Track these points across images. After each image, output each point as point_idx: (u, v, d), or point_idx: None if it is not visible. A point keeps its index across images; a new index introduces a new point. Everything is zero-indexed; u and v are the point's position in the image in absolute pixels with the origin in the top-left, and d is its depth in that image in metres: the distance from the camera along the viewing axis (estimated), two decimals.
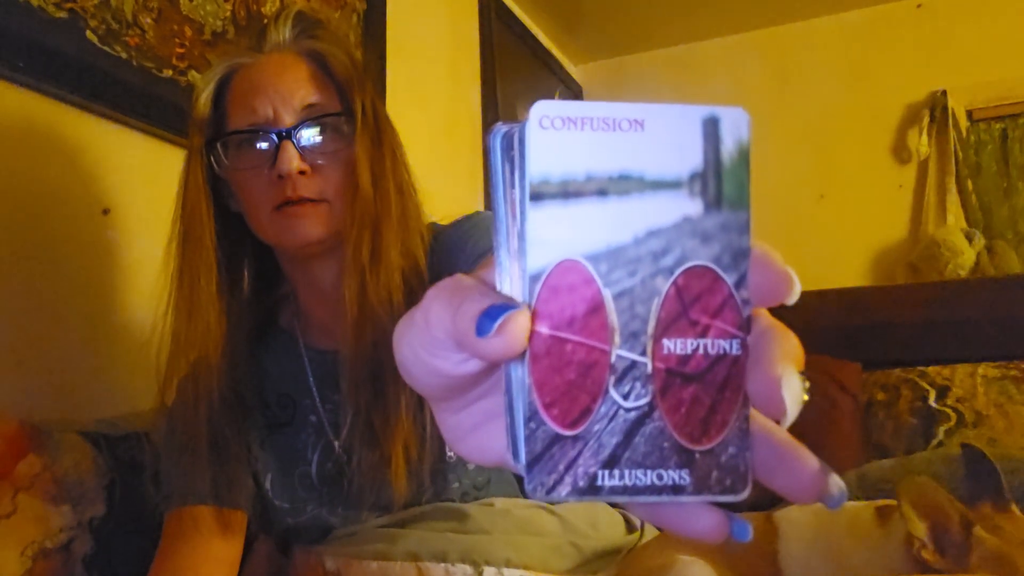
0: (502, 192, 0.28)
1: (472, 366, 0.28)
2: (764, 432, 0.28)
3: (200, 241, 0.81)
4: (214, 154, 0.82)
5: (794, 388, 0.26)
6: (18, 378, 1.01)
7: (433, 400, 0.32)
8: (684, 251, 0.27)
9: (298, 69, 0.82)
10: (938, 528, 0.66)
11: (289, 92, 0.81)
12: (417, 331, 0.29)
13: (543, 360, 0.26)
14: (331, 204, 0.81)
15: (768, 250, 0.27)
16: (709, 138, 0.27)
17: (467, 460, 0.36)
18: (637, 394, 0.27)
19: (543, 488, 0.26)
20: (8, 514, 0.80)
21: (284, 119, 0.80)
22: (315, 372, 0.89)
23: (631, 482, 0.27)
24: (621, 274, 0.27)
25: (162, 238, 0.84)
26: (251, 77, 0.82)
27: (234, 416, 0.84)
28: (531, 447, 0.27)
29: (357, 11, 1.75)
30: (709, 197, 0.27)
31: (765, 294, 0.27)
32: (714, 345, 0.27)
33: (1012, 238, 2.76)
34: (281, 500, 0.87)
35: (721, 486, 0.27)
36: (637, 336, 0.27)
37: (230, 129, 0.82)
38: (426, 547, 0.80)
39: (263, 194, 0.81)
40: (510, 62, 2.64)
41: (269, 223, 0.82)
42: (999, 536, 0.64)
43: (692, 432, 0.27)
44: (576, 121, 0.27)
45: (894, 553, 0.70)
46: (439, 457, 0.83)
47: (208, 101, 0.83)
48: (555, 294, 0.26)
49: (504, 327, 0.26)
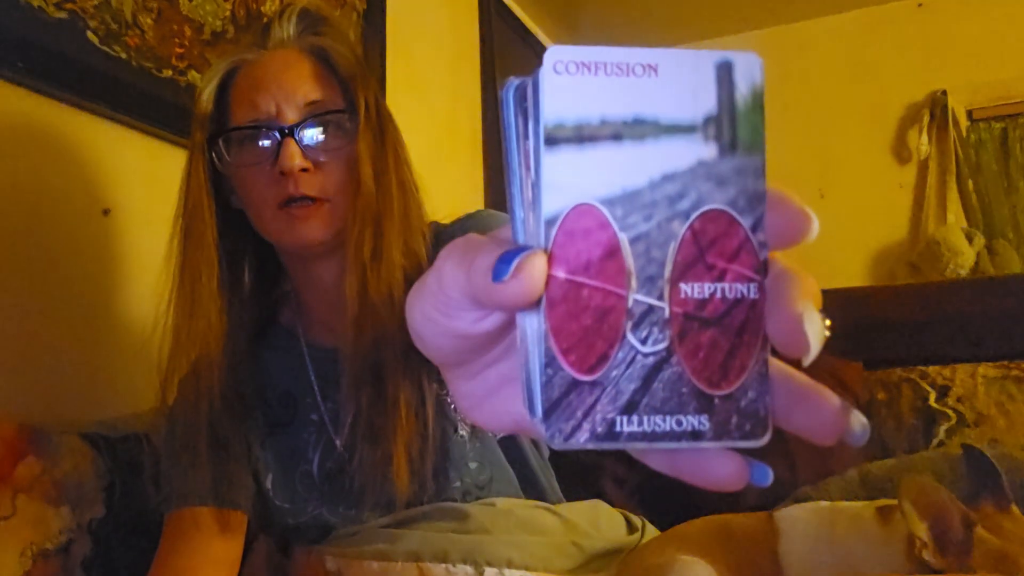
0: (516, 144, 0.28)
1: (489, 323, 0.28)
2: (782, 375, 0.28)
3: (202, 238, 0.81)
4: (216, 150, 0.82)
5: (816, 324, 0.26)
6: (17, 379, 1.01)
7: (447, 367, 0.32)
8: (700, 195, 0.27)
9: (301, 66, 0.82)
10: (939, 528, 0.66)
11: (292, 89, 0.80)
12: (430, 294, 0.28)
13: (560, 306, 0.26)
14: (333, 203, 0.81)
15: (784, 191, 0.27)
16: (723, 82, 0.27)
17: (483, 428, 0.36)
18: (655, 339, 0.27)
19: (561, 435, 0.26)
20: (7, 516, 0.80)
21: (287, 116, 0.80)
22: (317, 370, 0.88)
23: (650, 428, 0.27)
24: (637, 218, 0.27)
25: (162, 238, 0.83)
26: (254, 74, 0.82)
27: (235, 415, 0.83)
28: (548, 394, 0.26)
29: (357, 10, 1.75)
30: (724, 141, 0.27)
31: (784, 235, 0.27)
32: (731, 289, 0.27)
33: (1012, 237, 2.76)
34: (282, 500, 0.87)
35: (741, 431, 0.27)
36: (654, 280, 0.27)
37: (232, 125, 0.82)
38: (427, 547, 0.80)
39: (265, 191, 0.80)
40: (510, 62, 2.64)
41: (272, 221, 0.81)
42: (1000, 536, 0.64)
43: (711, 377, 0.27)
44: (590, 66, 0.26)
45: (895, 553, 0.70)
46: (441, 456, 0.83)
47: (211, 98, 0.82)
48: (571, 238, 0.26)
49: (521, 269, 0.25)
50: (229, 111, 0.83)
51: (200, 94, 0.83)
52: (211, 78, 0.83)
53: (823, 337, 0.26)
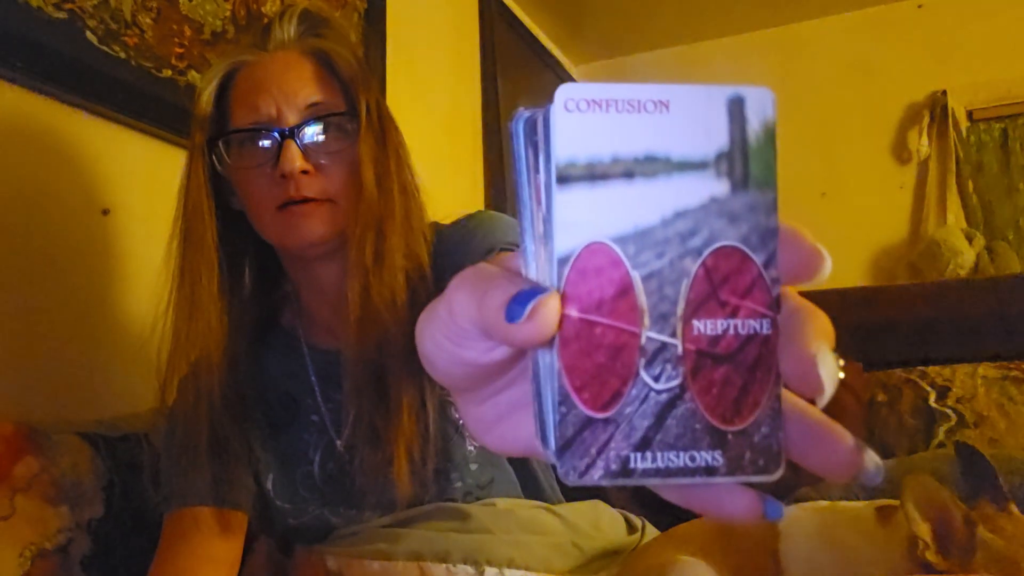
0: (526, 177, 0.28)
1: (500, 353, 0.28)
2: (797, 411, 0.28)
3: (202, 240, 0.81)
4: (216, 152, 0.82)
5: (830, 365, 0.26)
6: (16, 378, 1.01)
7: (458, 391, 0.32)
8: (712, 232, 0.27)
9: (302, 67, 0.82)
10: (941, 528, 0.66)
11: (293, 91, 0.80)
12: (441, 323, 0.28)
13: (573, 344, 0.26)
14: (335, 204, 0.81)
15: (797, 228, 0.27)
16: (735, 118, 0.27)
17: (494, 451, 0.36)
18: (668, 376, 0.27)
19: (575, 472, 0.26)
20: (6, 516, 0.80)
21: (287, 118, 0.80)
22: (317, 371, 0.88)
23: (664, 464, 0.27)
24: (649, 255, 0.27)
25: (162, 238, 0.83)
26: (254, 75, 0.82)
27: (235, 416, 0.83)
28: (562, 432, 0.26)
29: (358, 10, 1.75)
30: (736, 177, 0.27)
31: (796, 271, 0.27)
32: (744, 325, 0.27)
33: (1013, 238, 2.76)
34: (283, 501, 0.87)
35: (754, 466, 0.27)
36: (667, 318, 0.27)
37: (232, 127, 0.82)
38: (428, 547, 0.80)
39: (266, 193, 0.80)
40: (510, 62, 2.64)
41: (272, 222, 0.81)
42: (1001, 536, 0.64)
43: (724, 413, 0.27)
44: (600, 103, 0.26)
45: (896, 553, 0.70)
46: (443, 457, 0.83)
47: (210, 99, 0.82)
48: (583, 277, 0.26)
49: (535, 312, 0.25)
50: (229, 113, 0.82)
51: (200, 95, 0.83)
52: (211, 79, 0.83)
53: (837, 378, 0.26)
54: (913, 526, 0.66)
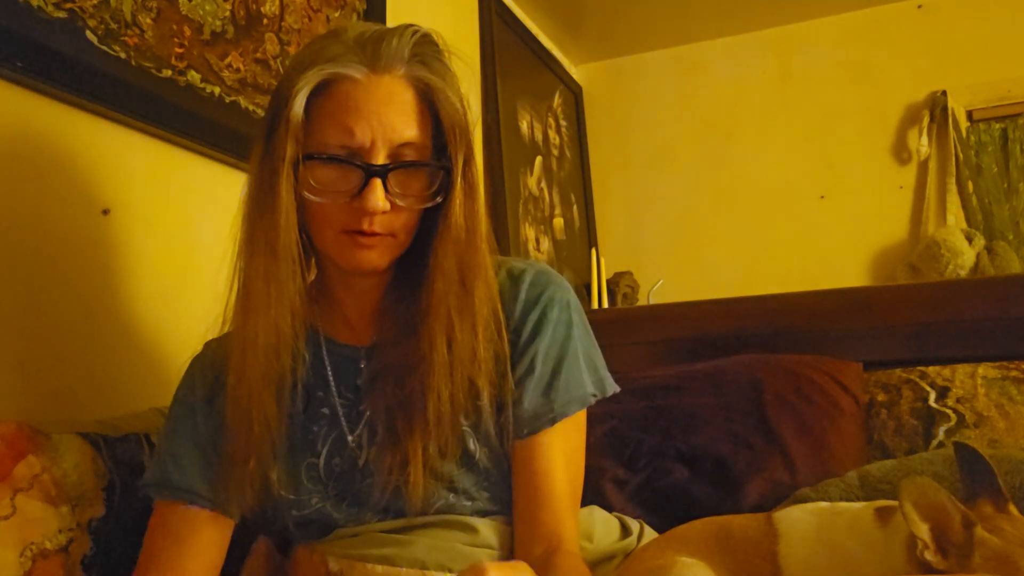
0: None
1: None
2: None
3: (291, 262, 0.80)
4: (302, 168, 0.79)
5: None
6: (17, 379, 1.01)
7: None
8: None
9: (405, 99, 0.80)
10: (940, 529, 0.66)
11: (391, 125, 0.78)
12: None
13: None
14: (395, 238, 0.82)
15: None
16: None
17: None
18: None
19: None
20: (7, 515, 0.80)
21: (379, 151, 0.78)
22: (334, 366, 0.88)
23: None
24: None
25: (162, 238, 0.83)
26: (355, 95, 0.78)
27: (267, 433, 0.83)
28: None
29: (357, 10, 1.75)
30: None
31: None
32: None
33: (1012, 239, 2.76)
34: (287, 491, 0.87)
35: None
36: None
37: (320, 142, 0.79)
38: (434, 557, 0.81)
39: (336, 215, 0.80)
40: (510, 62, 2.64)
41: (334, 242, 0.81)
42: (1000, 537, 0.64)
43: None
44: None
45: (895, 554, 0.70)
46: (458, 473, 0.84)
47: (303, 104, 0.78)
48: None
49: None
50: (316, 125, 0.79)
51: (291, 96, 0.77)
52: (304, 83, 0.77)
53: None
54: (912, 526, 0.66)
